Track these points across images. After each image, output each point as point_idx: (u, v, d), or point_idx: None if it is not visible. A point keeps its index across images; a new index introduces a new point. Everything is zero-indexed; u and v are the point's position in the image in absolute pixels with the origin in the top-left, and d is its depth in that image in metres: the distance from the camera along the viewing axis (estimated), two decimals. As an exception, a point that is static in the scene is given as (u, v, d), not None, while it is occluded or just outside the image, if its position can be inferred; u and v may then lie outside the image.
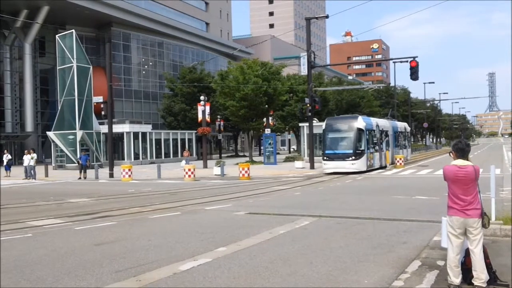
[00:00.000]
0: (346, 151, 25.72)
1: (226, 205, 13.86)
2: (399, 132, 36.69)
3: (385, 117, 39.60)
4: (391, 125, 34.02)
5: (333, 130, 26.53)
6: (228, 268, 6.65)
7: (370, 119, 29.42)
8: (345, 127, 26.42)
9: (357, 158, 25.55)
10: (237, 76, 39.80)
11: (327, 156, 26.09)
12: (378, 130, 29.35)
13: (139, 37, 61.01)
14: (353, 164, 25.32)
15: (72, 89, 36.92)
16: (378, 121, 30.62)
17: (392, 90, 68.80)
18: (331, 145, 26.39)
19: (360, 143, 25.89)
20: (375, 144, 28.38)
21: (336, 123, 27.11)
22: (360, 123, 26.15)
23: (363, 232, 9.18)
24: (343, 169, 25.24)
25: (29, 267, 6.93)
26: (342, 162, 25.45)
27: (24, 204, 15.47)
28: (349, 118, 28.03)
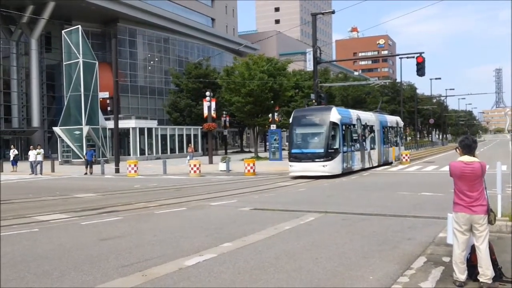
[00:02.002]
0: (316, 150, 21.37)
1: (231, 201, 13.88)
2: (389, 127, 31.67)
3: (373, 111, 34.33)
4: (378, 119, 29.19)
5: (301, 125, 22.23)
6: (233, 263, 6.67)
7: (348, 111, 24.92)
8: (315, 121, 22.00)
9: (330, 158, 21.15)
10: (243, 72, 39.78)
11: (294, 156, 21.80)
12: (359, 125, 25.03)
13: (145, 32, 61.03)
14: (324, 167, 20.96)
15: (78, 85, 37.04)
16: (360, 114, 26.03)
17: (398, 86, 68.51)
18: (298, 142, 22.19)
19: (334, 140, 21.59)
20: (355, 142, 24.13)
21: (305, 116, 22.57)
22: (334, 116, 21.72)
23: (369, 228, 9.17)
24: (312, 172, 21.02)
25: (35, 262, 6.98)
26: (311, 164, 21.09)
27: (30, 199, 15.56)
28: (321, 109, 23.23)
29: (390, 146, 31.20)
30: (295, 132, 22.32)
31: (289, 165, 22.09)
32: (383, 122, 30.13)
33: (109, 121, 36.98)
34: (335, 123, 21.62)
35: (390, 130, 31.60)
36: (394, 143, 32.50)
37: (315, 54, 28.79)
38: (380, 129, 28.77)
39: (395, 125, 33.43)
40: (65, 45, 38.42)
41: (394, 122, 33.28)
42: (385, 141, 29.76)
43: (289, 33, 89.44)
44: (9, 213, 12.19)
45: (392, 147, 31.43)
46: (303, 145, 21.99)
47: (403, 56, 40.61)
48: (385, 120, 30.97)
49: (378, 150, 28.05)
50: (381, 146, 28.59)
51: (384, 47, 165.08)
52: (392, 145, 31.72)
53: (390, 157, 30.86)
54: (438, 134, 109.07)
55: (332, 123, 21.52)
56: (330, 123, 21.47)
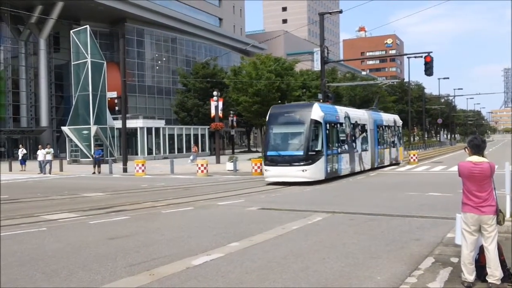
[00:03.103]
0: (294, 152, 18.60)
1: (238, 201, 13.89)
2: (385, 126, 28.53)
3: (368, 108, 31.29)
4: (372, 118, 26.38)
5: (279, 123, 19.49)
6: (241, 263, 6.67)
7: (334, 108, 22.05)
8: (294, 119, 19.28)
9: (310, 162, 18.33)
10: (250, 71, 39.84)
11: (269, 159, 19.03)
12: (348, 124, 22.32)
13: (152, 32, 61.18)
14: (304, 171, 18.14)
15: (86, 85, 37.22)
16: (349, 112, 23.25)
17: (406, 85, 68.22)
18: (274, 144, 19.37)
19: (316, 141, 18.83)
20: (343, 143, 21.43)
21: (283, 113, 19.83)
22: (316, 113, 18.94)
23: (376, 229, 9.14)
24: (290, 177, 18.34)
25: (44, 260, 7.02)
26: (289, 168, 18.34)
27: (39, 198, 15.66)
28: (301, 106, 20.70)
29: (386, 147, 28.31)
30: (271, 131, 19.56)
31: (264, 169, 19.54)
32: (378, 120, 27.40)
33: (117, 120, 37.13)
34: (317, 121, 18.85)
35: (386, 129, 28.60)
36: (391, 143, 29.37)
37: (322, 54, 28.72)
38: (374, 129, 26.12)
39: (392, 124, 30.29)
40: (74, 45, 38.62)
41: (391, 121, 30.16)
42: (380, 141, 27.00)
43: (297, 32, 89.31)
44: (17, 212, 12.29)
45: (388, 148, 28.57)
46: (280, 146, 19.16)
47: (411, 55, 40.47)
48: (380, 118, 28.17)
49: (372, 152, 25.30)
50: (375, 147, 25.87)
51: (392, 46, 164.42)
52: (389, 146, 28.79)
53: (387, 159, 28.18)
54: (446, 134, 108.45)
55: (314, 121, 18.75)
56: (311, 121, 18.68)
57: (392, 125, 30.06)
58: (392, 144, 29.48)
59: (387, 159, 28.05)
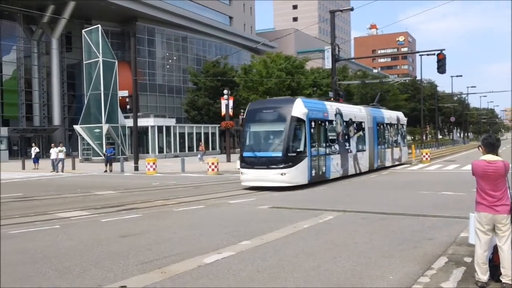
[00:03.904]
0: (272, 153, 16.55)
1: (249, 199, 13.90)
2: (386, 124, 26.24)
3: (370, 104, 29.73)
4: (371, 115, 24.07)
5: (256, 121, 17.42)
6: (252, 261, 6.67)
7: (322, 103, 19.74)
8: (273, 116, 17.14)
9: (290, 165, 16.21)
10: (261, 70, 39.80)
11: (245, 161, 17.00)
12: (340, 121, 20.08)
13: (163, 31, 61.40)
14: (282, 175, 16.05)
15: (98, 84, 37.46)
16: (341, 108, 20.88)
17: (419, 83, 67.73)
18: (251, 143, 17.35)
19: (298, 141, 16.79)
20: (333, 143, 19.21)
21: (262, 109, 17.66)
22: (298, 110, 16.76)
23: (388, 228, 9.09)
24: (268, 182, 16.27)
25: (57, 258, 7.08)
26: (266, 172, 16.24)
27: (52, 196, 15.80)
28: (281, 101, 18.14)
29: (388, 147, 26.15)
30: (248, 130, 17.46)
31: (240, 172, 17.45)
32: (378, 118, 25.11)
33: (128, 119, 37.33)
34: (299, 118, 16.69)
35: (387, 128, 26.40)
36: (393, 143, 27.15)
37: (333, 52, 28.62)
38: (373, 127, 23.98)
39: (395, 122, 27.93)
40: (85, 44, 38.88)
41: (393, 119, 27.84)
42: (380, 141, 24.89)
43: (307, 30, 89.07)
44: (31, 210, 12.41)
45: (390, 148, 26.39)
46: (256, 146, 17.11)
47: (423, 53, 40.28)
48: (381, 115, 25.87)
49: (370, 152, 23.28)
50: (374, 147, 23.78)
51: (403, 44, 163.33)
52: (391, 146, 26.59)
53: (388, 160, 26.04)
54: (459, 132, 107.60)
55: (295, 118, 16.60)
56: (292, 118, 16.53)
57: (395, 123, 27.86)
58: (395, 144, 27.34)
59: (388, 160, 26.05)
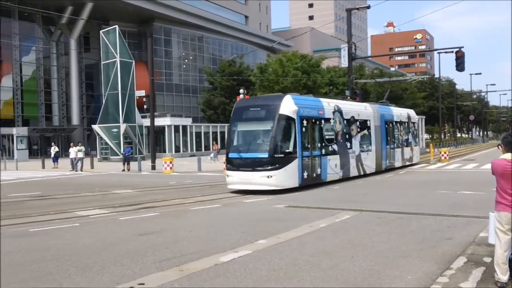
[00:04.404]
0: (258, 154, 15.38)
1: (265, 198, 13.90)
2: (396, 122, 24.79)
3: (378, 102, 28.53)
4: (378, 112, 22.80)
5: (243, 120, 16.36)
6: (269, 260, 6.68)
7: (318, 101, 18.36)
8: (260, 115, 16.00)
9: (277, 166, 15.05)
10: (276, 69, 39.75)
11: (230, 162, 15.98)
12: (339, 119, 18.75)
13: (179, 31, 61.76)
14: (269, 178, 14.87)
15: (115, 84, 37.83)
16: (341, 105, 19.41)
17: (437, 81, 66.96)
18: (237, 144, 16.33)
19: (287, 140, 15.57)
20: (330, 142, 17.87)
21: (249, 107, 16.62)
22: (287, 107, 15.60)
23: (406, 227, 9.02)
24: (253, 185, 15.12)
25: (77, 255, 7.18)
26: (252, 174, 15.13)
27: (71, 195, 16.01)
28: (269, 99, 17.27)
29: (398, 146, 24.75)
30: (234, 129, 16.49)
31: (225, 174, 16.35)
32: (387, 115, 23.72)
33: (145, 119, 37.61)
34: (288, 117, 15.52)
35: (397, 126, 24.97)
36: (404, 142, 25.74)
37: (350, 50, 28.47)
38: (381, 125, 22.71)
39: (406, 119, 26.46)
40: (103, 45, 39.29)
41: (404, 116, 26.33)
42: (389, 140, 23.58)
43: (323, 29, 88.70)
44: (51, 208, 12.60)
45: (400, 148, 24.98)
46: (242, 147, 16.02)
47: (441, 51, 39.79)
48: (390, 113, 24.45)
49: (377, 152, 21.96)
50: (381, 147, 22.49)
51: (421, 42, 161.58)
52: (401, 145, 25.21)
53: (398, 160, 24.62)
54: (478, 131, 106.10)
55: (283, 117, 15.43)
56: (280, 117, 15.38)
57: (406, 121, 26.36)
58: (406, 143, 25.94)
59: (398, 160, 24.68)
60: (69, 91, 52.70)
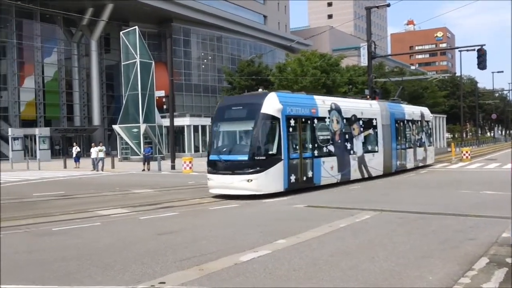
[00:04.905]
0: (238, 157, 14.32)
1: (283, 198, 13.87)
2: (407, 121, 23.33)
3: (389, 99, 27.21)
4: (388, 110, 21.47)
5: (224, 120, 15.29)
6: (288, 260, 6.67)
7: (311, 98, 17.00)
8: (242, 114, 14.95)
9: (259, 170, 13.91)
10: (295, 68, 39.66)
11: (211, 165, 14.93)
12: (336, 118, 17.36)
13: (198, 32, 62.06)
14: (249, 181, 13.80)
15: (135, 84, 38.19)
16: (339, 103, 18.05)
17: (458, 80, 65.97)
18: (217, 145, 15.29)
19: (270, 142, 14.43)
20: (325, 143, 16.60)
21: (231, 106, 15.64)
22: (271, 106, 14.44)
23: (427, 227, 8.91)
24: (233, 189, 14.08)
25: (98, 254, 7.28)
26: (231, 178, 14.06)
27: (92, 194, 16.23)
28: (252, 97, 16.07)
29: (409, 146, 23.25)
30: (215, 129, 15.49)
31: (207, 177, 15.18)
32: (397, 114, 22.34)
33: (165, 119, 37.88)
34: (271, 116, 14.40)
35: (409, 125, 23.47)
36: (416, 142, 24.24)
37: (369, 49, 28.25)
38: (391, 124, 21.31)
39: (418, 118, 24.88)
40: (123, 46, 39.69)
41: (416, 115, 24.78)
42: (400, 140, 22.20)
43: (342, 28, 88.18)
44: (73, 207, 12.80)
45: (411, 148, 23.50)
46: (222, 149, 15.05)
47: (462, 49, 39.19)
48: (400, 111, 23.02)
49: (386, 153, 20.51)
50: (391, 148, 21.13)
51: (442, 40, 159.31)
52: (413, 146, 23.70)
53: (410, 162, 23.19)
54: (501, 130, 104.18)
55: (266, 116, 14.32)
56: (262, 116, 14.28)
57: (418, 120, 24.81)
58: (418, 143, 24.42)
59: (410, 162, 23.24)
60: (90, 91, 53.42)
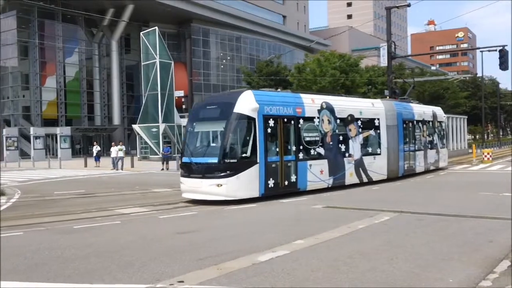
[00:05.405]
0: (208, 159, 13.40)
1: (302, 198, 13.85)
2: (417, 121, 21.70)
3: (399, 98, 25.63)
4: (395, 110, 19.95)
5: (198, 120, 14.50)
6: (306, 261, 6.67)
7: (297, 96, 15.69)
8: (215, 114, 14.05)
9: (229, 173, 12.97)
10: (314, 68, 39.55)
11: (183, 167, 14.22)
12: (328, 119, 16.05)
13: (217, 32, 62.29)
14: (218, 186, 12.88)
15: (155, 84, 38.50)
16: (331, 101, 16.61)
17: (479, 81, 65.00)
18: (189, 147, 14.29)
19: (243, 143, 13.49)
20: (313, 145, 15.35)
21: (205, 106, 15.05)
22: (245, 105, 13.43)
23: (447, 229, 8.81)
24: (203, 194, 13.23)
25: (118, 252, 7.37)
26: (201, 182, 13.22)
27: (112, 193, 16.43)
28: (226, 96, 15.69)
29: (418, 149, 21.62)
30: (190, 130, 14.57)
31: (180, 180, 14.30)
32: (405, 114, 20.75)
33: (184, 118, 38.10)
34: (245, 116, 13.36)
35: (419, 125, 21.84)
36: (427, 144, 22.57)
37: (389, 49, 28.00)
38: (398, 124, 19.83)
39: (430, 118, 23.23)
40: (143, 46, 40.05)
41: (427, 115, 23.08)
42: (407, 142, 20.70)
43: (362, 28, 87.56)
44: (93, 206, 12.97)
45: (421, 151, 21.91)
46: (194, 151, 14.10)
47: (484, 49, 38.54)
48: (409, 111, 21.40)
49: (390, 156, 19.02)
50: (398, 150, 19.68)
51: (463, 40, 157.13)
52: (423, 148, 22.11)
53: (420, 165, 21.70)
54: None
55: (239, 116, 13.32)
56: (235, 116, 13.29)
57: (430, 120, 23.19)
58: (429, 145, 22.80)
59: (420, 165, 21.75)
60: (111, 91, 54.05)
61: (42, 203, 14.01)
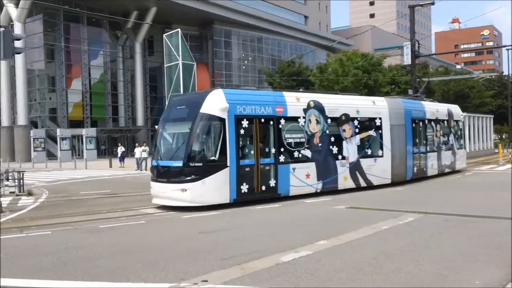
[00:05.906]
0: (173, 162, 12.63)
1: (325, 199, 13.79)
2: (429, 120, 19.97)
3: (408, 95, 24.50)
4: (401, 107, 18.22)
5: (168, 121, 13.87)
6: (329, 261, 6.64)
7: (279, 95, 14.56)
8: (182, 114, 13.30)
9: (194, 178, 12.13)
10: (336, 68, 39.29)
11: (152, 171, 13.60)
12: (315, 118, 14.78)
13: (239, 33, 62.48)
14: (183, 191, 12.04)
15: (178, 86, 38.85)
16: (321, 99, 15.30)
17: (506, 79, 63.64)
18: (158, 149, 13.60)
19: (211, 146, 12.62)
20: (298, 147, 14.15)
21: (176, 105, 14.21)
22: (213, 105, 12.55)
23: (473, 231, 8.67)
24: (167, 199, 12.47)
25: (142, 252, 7.47)
26: (166, 186, 12.50)
27: (137, 193, 16.62)
28: (195, 96, 15.20)
29: (431, 150, 20.00)
30: (161, 131, 13.81)
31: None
32: (415, 112, 19.02)
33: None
34: (214, 116, 12.46)
35: (431, 125, 20.17)
36: (441, 145, 20.86)
37: (413, 48, 27.66)
38: (406, 124, 18.14)
39: (444, 117, 21.47)
40: (166, 48, 40.49)
41: (442, 113, 21.36)
42: (417, 142, 18.95)
43: (385, 27, 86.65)
44: (117, 206, 13.16)
45: (434, 152, 20.27)
46: (161, 153, 13.39)
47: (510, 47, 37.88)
48: (420, 109, 19.65)
49: (394, 158, 17.32)
50: (405, 151, 17.98)
51: (489, 38, 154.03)
52: (436, 149, 20.45)
53: (432, 167, 20.00)
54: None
55: (206, 116, 12.44)
56: (201, 116, 12.42)
57: (444, 119, 21.42)
58: (444, 146, 21.09)
59: (433, 167, 20.09)
60: (134, 93, 54.71)
61: (69, 203, 14.28)
